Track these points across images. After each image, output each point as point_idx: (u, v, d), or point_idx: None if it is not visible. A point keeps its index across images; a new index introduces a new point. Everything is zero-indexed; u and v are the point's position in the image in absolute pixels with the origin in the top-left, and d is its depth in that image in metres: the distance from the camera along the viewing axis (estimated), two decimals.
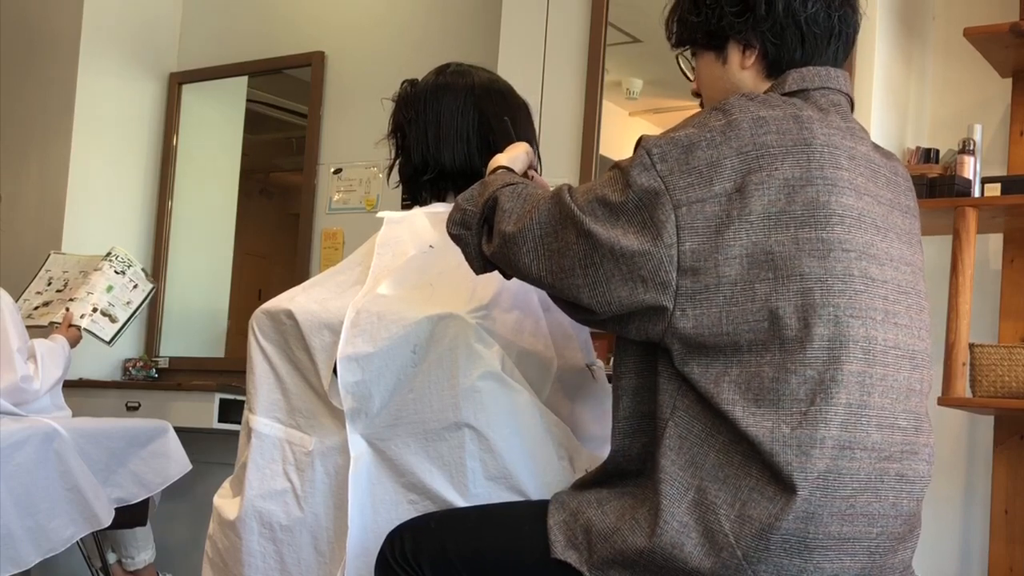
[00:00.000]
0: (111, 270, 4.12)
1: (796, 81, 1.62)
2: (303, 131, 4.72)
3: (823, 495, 1.42)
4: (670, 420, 1.51)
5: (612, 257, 1.50)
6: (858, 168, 1.56)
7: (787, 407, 1.43)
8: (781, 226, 1.47)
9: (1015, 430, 3.16)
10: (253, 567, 1.94)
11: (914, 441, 1.53)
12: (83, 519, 3.51)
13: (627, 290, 1.50)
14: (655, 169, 1.50)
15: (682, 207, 1.48)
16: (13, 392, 3.52)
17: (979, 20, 3.15)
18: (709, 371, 1.48)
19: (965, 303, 2.99)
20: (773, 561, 1.43)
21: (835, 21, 1.64)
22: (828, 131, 1.55)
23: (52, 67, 4.80)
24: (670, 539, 1.46)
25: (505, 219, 1.62)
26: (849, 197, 1.51)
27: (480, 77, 2.07)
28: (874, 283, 1.50)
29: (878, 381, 1.48)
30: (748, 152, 1.49)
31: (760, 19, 1.62)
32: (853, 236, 1.50)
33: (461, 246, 1.72)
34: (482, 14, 4.21)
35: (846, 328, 1.46)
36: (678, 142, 1.51)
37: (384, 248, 1.99)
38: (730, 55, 1.66)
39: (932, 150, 3.26)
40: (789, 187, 1.48)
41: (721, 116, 1.52)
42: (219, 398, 4.13)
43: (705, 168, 1.49)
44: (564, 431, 1.86)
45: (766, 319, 1.46)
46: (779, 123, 1.52)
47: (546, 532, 1.59)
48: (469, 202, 1.70)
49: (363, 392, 1.85)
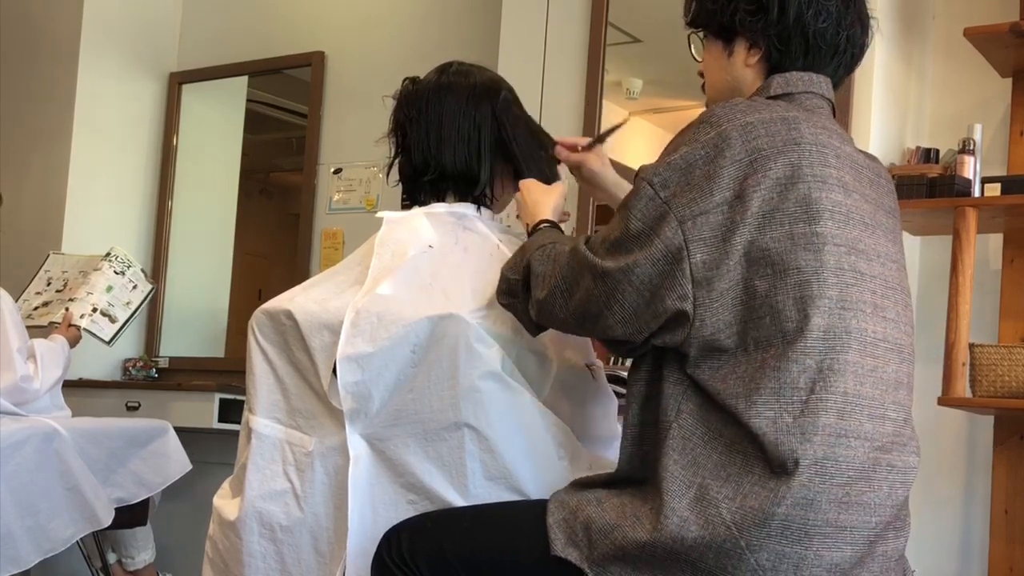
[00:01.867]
0: (111, 270, 4.12)
1: (780, 85, 1.66)
2: (303, 131, 4.72)
3: (821, 481, 1.45)
4: (674, 423, 1.54)
5: (630, 285, 1.54)
6: (844, 166, 1.59)
7: (788, 395, 1.46)
8: (776, 223, 1.51)
9: (1015, 430, 3.16)
10: (253, 567, 1.94)
11: (903, 432, 1.56)
12: (83, 519, 3.50)
13: (651, 311, 1.54)
14: (659, 197, 1.54)
15: (687, 221, 1.52)
16: (13, 392, 3.52)
17: (979, 20, 3.15)
18: (719, 371, 1.52)
19: (965, 303, 2.99)
20: (774, 548, 1.44)
21: (842, 39, 1.68)
22: (815, 130, 1.58)
23: (52, 67, 4.80)
24: (671, 533, 1.47)
25: (538, 285, 1.69)
26: (838, 194, 1.55)
27: (482, 77, 2.07)
28: (864, 277, 1.54)
29: (869, 372, 1.51)
30: (741, 159, 1.53)
31: (771, 23, 1.66)
32: (843, 231, 1.53)
33: (513, 313, 1.80)
34: (482, 14, 4.21)
35: (839, 319, 1.49)
36: (675, 165, 1.55)
37: (384, 248, 1.99)
38: (736, 50, 1.71)
39: (932, 150, 3.26)
40: (781, 185, 1.52)
41: (710, 129, 1.56)
42: (219, 398, 4.14)
43: (704, 182, 1.53)
44: (564, 431, 1.86)
45: (768, 314, 1.49)
46: (767, 126, 1.55)
47: (545, 531, 1.60)
48: (512, 271, 1.77)
49: (363, 392, 1.85)
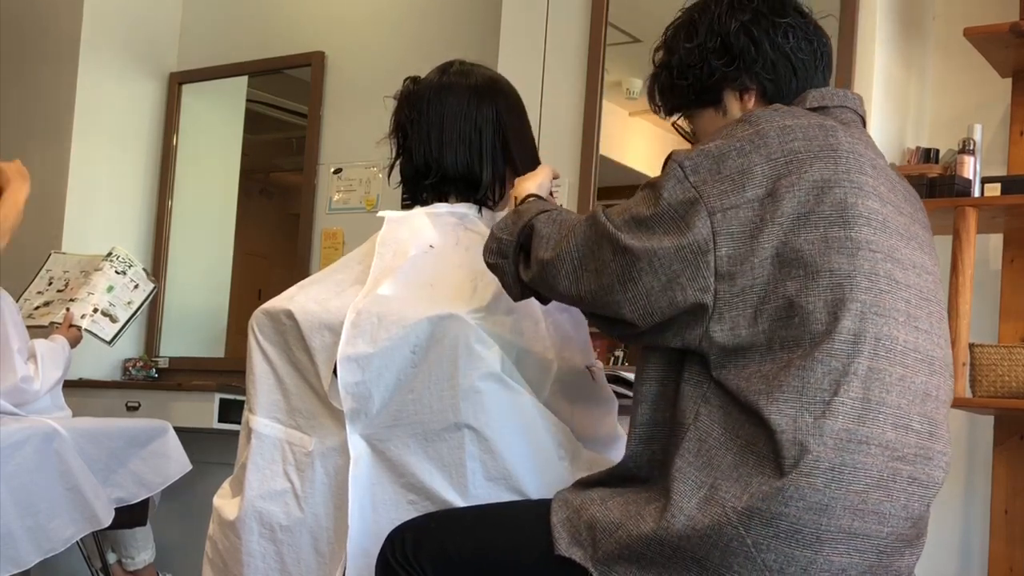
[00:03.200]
0: (112, 270, 4.11)
1: (816, 99, 1.67)
2: (303, 131, 4.72)
3: (837, 487, 1.44)
4: (691, 426, 1.53)
5: (650, 267, 1.52)
6: (880, 177, 1.60)
7: (811, 395, 1.45)
8: (810, 226, 1.50)
9: (1015, 430, 3.16)
10: (253, 567, 1.94)
11: (929, 446, 1.54)
12: (83, 519, 3.50)
13: (667, 298, 1.53)
14: (688, 181, 1.53)
15: (716, 213, 1.51)
16: (13, 392, 3.52)
17: (979, 20, 3.15)
18: (744, 369, 1.51)
19: (965, 303, 2.99)
20: (782, 550, 1.44)
21: (816, 46, 1.72)
22: (852, 140, 1.59)
23: (52, 67, 4.80)
24: (677, 530, 1.47)
25: (543, 246, 1.65)
26: (874, 202, 1.55)
27: (483, 76, 2.07)
28: (898, 286, 1.53)
29: (896, 381, 1.50)
30: (777, 159, 1.52)
31: (751, 61, 1.69)
32: (879, 238, 1.53)
33: (498, 275, 1.76)
34: (482, 14, 4.21)
35: (870, 324, 1.49)
36: (708, 153, 1.55)
37: (385, 248, 1.99)
38: (728, 104, 1.72)
39: (932, 150, 3.26)
40: (818, 188, 1.52)
41: (748, 127, 1.56)
42: (219, 398, 4.13)
43: (737, 175, 1.52)
44: (564, 431, 1.86)
45: (797, 315, 1.48)
46: (805, 130, 1.56)
47: (548, 530, 1.60)
48: (504, 231, 1.74)
49: (363, 392, 1.85)
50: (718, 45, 1.69)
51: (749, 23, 1.68)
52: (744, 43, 1.68)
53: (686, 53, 1.72)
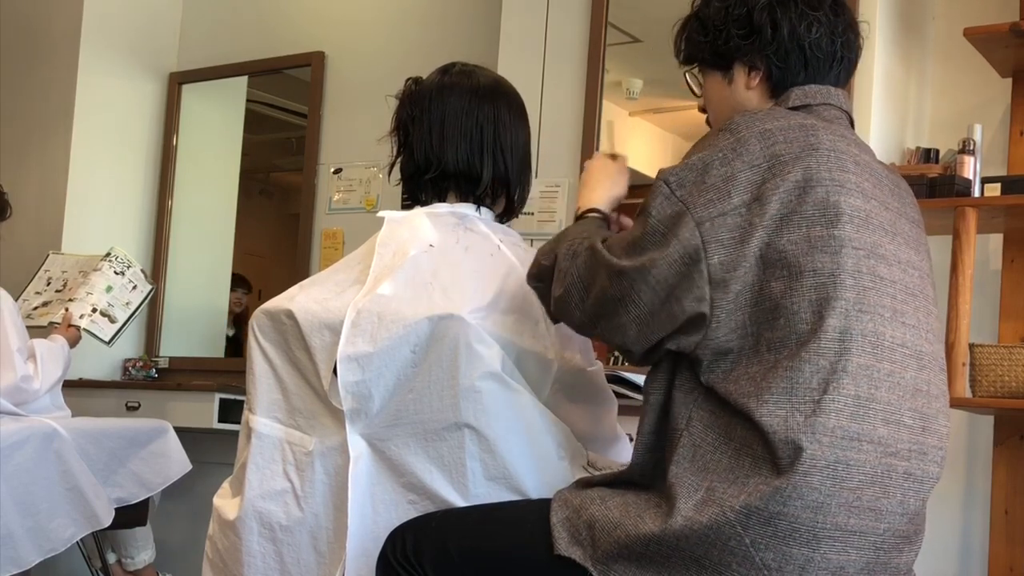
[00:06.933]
0: (110, 270, 4.12)
1: (799, 97, 1.67)
2: (303, 131, 4.72)
3: (832, 484, 1.44)
4: (684, 431, 1.53)
5: (646, 285, 1.53)
6: (863, 174, 1.59)
7: (800, 395, 1.46)
8: (793, 226, 1.51)
9: (1015, 430, 3.16)
10: (253, 567, 1.94)
11: (922, 441, 1.54)
12: (83, 519, 3.51)
13: (667, 312, 1.53)
14: (675, 195, 1.54)
15: (704, 223, 1.51)
16: (13, 392, 3.52)
17: (979, 20, 3.15)
18: (731, 373, 1.51)
19: (965, 303, 2.99)
20: (780, 549, 1.44)
21: (838, 47, 1.70)
22: (833, 137, 1.59)
23: (52, 67, 4.80)
24: (676, 530, 1.47)
25: (556, 280, 1.66)
26: (856, 199, 1.55)
27: (485, 78, 2.08)
28: (882, 282, 1.54)
29: (885, 376, 1.50)
30: (760, 164, 1.53)
31: (766, 43, 1.68)
32: (861, 235, 1.53)
33: (539, 297, 1.78)
34: (482, 14, 4.21)
35: (855, 322, 1.49)
36: (692, 166, 1.55)
37: (385, 248, 1.99)
38: (736, 76, 1.72)
39: (932, 150, 3.26)
40: (800, 188, 1.52)
41: (729, 135, 1.57)
42: (219, 398, 4.14)
43: (721, 183, 1.53)
44: (564, 431, 1.86)
45: (782, 316, 1.49)
46: (785, 132, 1.56)
47: (549, 529, 1.60)
48: (546, 256, 1.73)
49: (363, 392, 1.85)
50: (743, 14, 1.69)
51: (777, 4, 1.67)
52: (765, 22, 1.67)
53: (714, 11, 1.72)
